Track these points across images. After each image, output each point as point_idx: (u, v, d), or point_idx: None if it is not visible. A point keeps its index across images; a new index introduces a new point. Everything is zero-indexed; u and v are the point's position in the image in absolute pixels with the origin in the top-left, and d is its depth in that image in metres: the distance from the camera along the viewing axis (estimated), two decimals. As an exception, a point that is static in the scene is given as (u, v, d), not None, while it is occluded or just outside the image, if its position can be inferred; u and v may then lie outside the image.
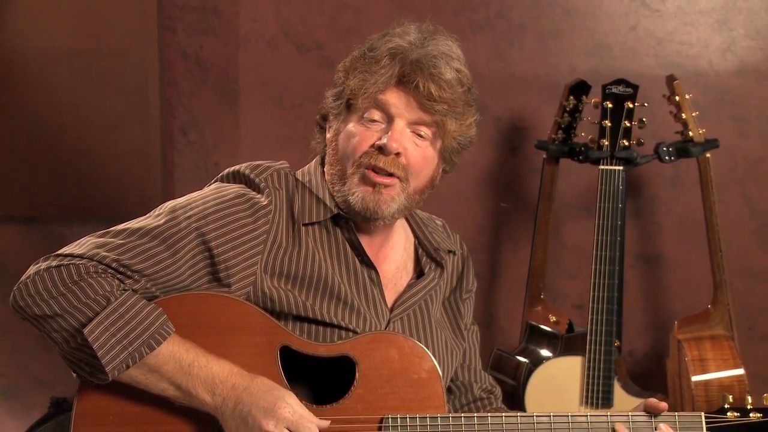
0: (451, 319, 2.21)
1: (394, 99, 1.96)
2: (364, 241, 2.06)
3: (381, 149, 1.96)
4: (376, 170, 1.97)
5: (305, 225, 2.01)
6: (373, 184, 1.97)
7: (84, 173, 3.51)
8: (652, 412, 1.99)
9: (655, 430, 1.97)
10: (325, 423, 1.87)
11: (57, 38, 3.42)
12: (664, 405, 1.99)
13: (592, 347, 2.96)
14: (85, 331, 1.80)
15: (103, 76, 3.44)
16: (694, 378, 3.00)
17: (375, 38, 2.02)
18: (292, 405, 1.84)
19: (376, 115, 1.97)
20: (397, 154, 1.96)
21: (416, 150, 1.99)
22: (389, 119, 1.97)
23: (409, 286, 2.11)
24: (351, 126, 1.99)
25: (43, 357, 3.45)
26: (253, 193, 1.99)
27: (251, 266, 1.95)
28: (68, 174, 3.51)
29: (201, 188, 2.07)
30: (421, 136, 1.99)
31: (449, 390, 2.22)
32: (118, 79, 3.44)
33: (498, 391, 2.28)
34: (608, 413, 1.98)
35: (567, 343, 3.12)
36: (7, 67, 3.43)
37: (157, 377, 1.86)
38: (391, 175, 1.97)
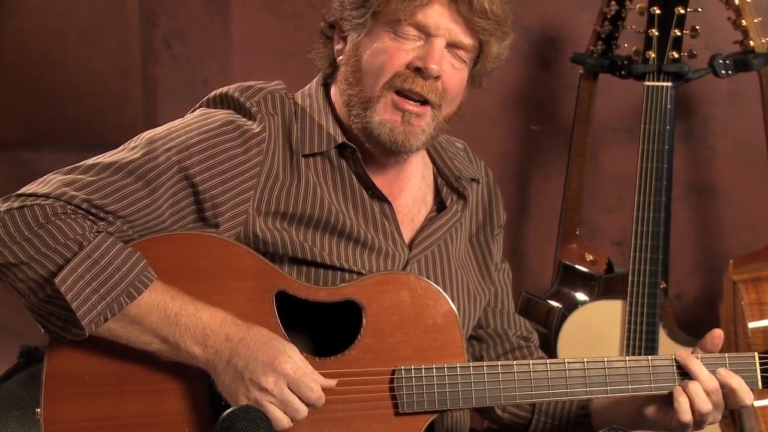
0: (479, 259, 2.22)
1: (437, 15, 1.94)
2: (375, 173, 2.07)
3: (419, 71, 1.95)
4: (408, 95, 1.96)
5: (305, 156, 2.01)
6: (403, 112, 1.97)
7: (54, 92, 3.52)
8: (709, 349, 2.02)
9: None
10: (331, 382, 1.90)
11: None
12: (717, 331, 2.03)
13: (635, 290, 2.98)
14: (56, 280, 1.81)
15: (74, -21, 3.44)
16: (752, 324, 3.02)
17: None
18: (294, 359, 1.86)
19: (412, 30, 1.95)
20: (436, 78, 1.96)
21: (453, 73, 1.99)
22: (427, 35, 1.95)
23: (429, 222, 2.12)
24: (379, 40, 1.97)
25: (10, 301, 3.49)
26: (244, 119, 1.99)
27: (242, 204, 1.95)
28: (37, 93, 3.52)
29: (187, 110, 2.08)
30: (458, 57, 1.99)
31: (480, 339, 2.25)
32: (92, -18, 3.44)
33: (535, 337, 2.30)
34: (649, 358, 2.01)
35: (605, 285, 3.15)
36: (-36, -30, 3.43)
37: (140, 330, 1.87)
38: (424, 102, 1.97)
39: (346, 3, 2.00)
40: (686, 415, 1.97)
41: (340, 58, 2.04)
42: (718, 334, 2.03)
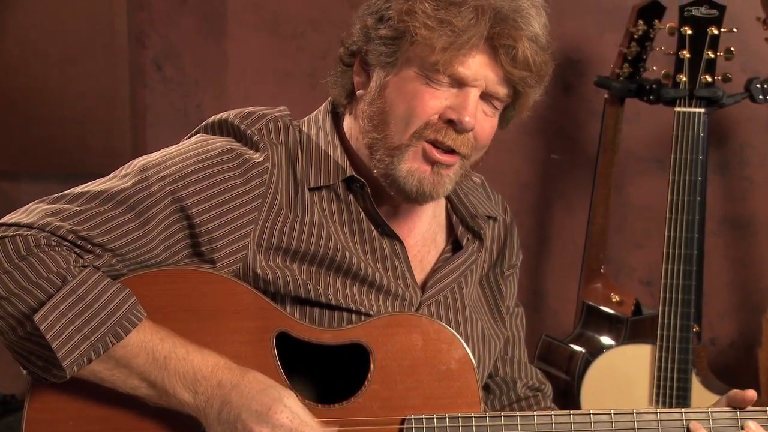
0: (490, 301, 2.22)
1: (477, 65, 1.94)
2: (385, 210, 2.06)
3: (452, 123, 1.95)
4: (439, 145, 1.96)
5: (311, 189, 2.01)
6: (433, 163, 1.97)
7: (35, 117, 3.53)
8: (737, 406, 2.01)
9: (741, 429, 1.99)
10: (332, 430, 1.89)
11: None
12: (751, 393, 1.99)
13: (665, 333, 2.97)
14: (36, 317, 1.80)
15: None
16: (793, 372, 3.03)
17: None
18: (291, 408, 1.85)
19: (446, 78, 1.95)
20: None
21: (485, 122, 1.98)
22: (461, 84, 1.95)
23: (444, 263, 2.12)
24: (410, 83, 1.96)
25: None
26: (245, 147, 1.98)
27: (242, 239, 1.95)
28: (16, 118, 3.53)
29: (179, 137, 2.07)
30: (491, 104, 1.99)
31: (487, 389, 2.24)
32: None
33: (548, 388, 2.30)
34: (683, 410, 1.99)
35: (633, 328, 3.14)
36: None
37: (126, 373, 1.87)
38: (453, 151, 1.97)
39: (374, 36, 1.98)
40: None
41: (361, 92, 2.03)
42: (750, 397, 2.01)
